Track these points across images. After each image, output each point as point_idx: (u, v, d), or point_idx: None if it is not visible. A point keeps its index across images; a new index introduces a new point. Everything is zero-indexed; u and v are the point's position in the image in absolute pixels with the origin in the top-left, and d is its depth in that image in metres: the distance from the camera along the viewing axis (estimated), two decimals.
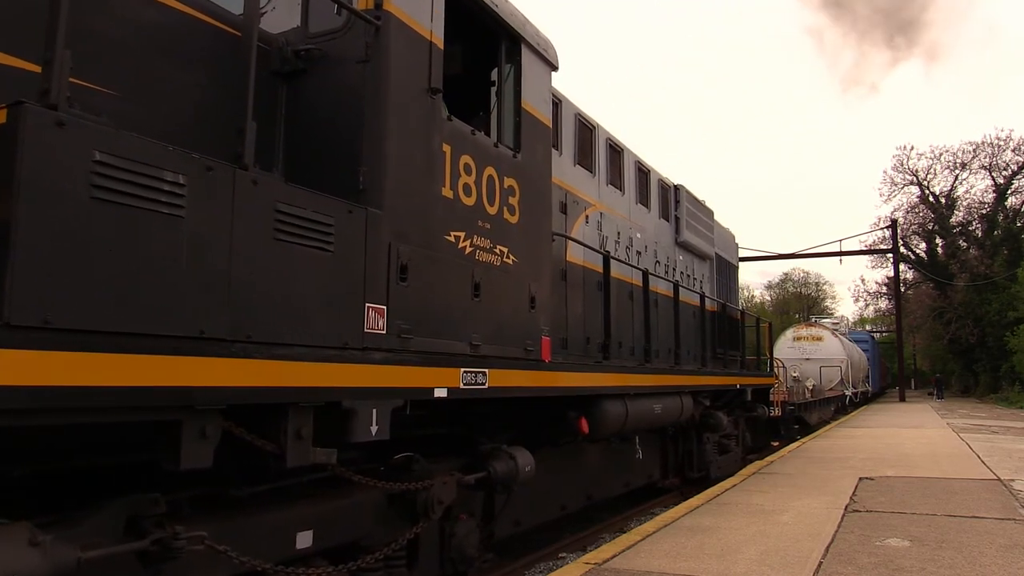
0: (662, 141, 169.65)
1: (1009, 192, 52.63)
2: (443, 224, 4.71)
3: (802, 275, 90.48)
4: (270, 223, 3.46)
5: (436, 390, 4.54)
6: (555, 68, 6.40)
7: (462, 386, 4.78)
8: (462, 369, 4.79)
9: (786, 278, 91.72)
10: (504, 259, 5.31)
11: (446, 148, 4.78)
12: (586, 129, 8.68)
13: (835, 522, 7.09)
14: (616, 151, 9.50)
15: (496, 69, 5.81)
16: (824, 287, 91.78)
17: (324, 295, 3.74)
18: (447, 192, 4.75)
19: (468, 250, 4.92)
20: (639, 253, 9.98)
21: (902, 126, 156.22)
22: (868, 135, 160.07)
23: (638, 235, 10.00)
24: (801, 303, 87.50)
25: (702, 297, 11.03)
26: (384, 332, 4.14)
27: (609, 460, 8.76)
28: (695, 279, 12.48)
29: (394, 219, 4.27)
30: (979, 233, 53.24)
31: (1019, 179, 52.30)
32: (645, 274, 8.51)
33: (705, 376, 10.39)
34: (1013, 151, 51.48)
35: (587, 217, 8.52)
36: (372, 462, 4.96)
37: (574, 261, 8.03)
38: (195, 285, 3.07)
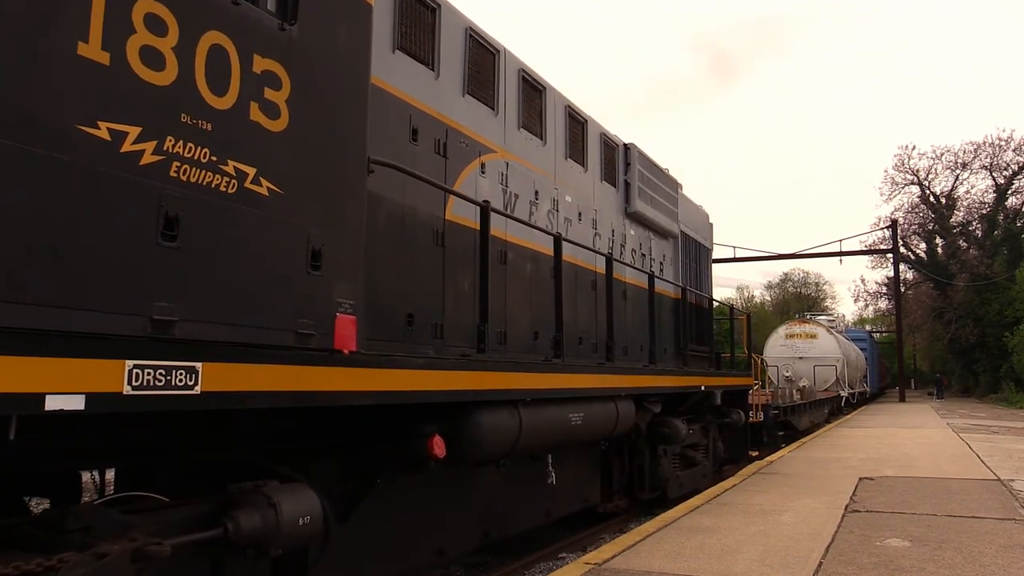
0: (661, 141, 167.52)
1: (1009, 192, 51.96)
2: (80, 105, 2.68)
3: (802, 275, 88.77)
4: None
5: (51, 398, 2.51)
6: None
7: (129, 391, 2.74)
8: (131, 362, 2.76)
9: (786, 278, 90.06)
10: (246, 184, 3.27)
11: None
12: (485, 52, 6.62)
13: (835, 522, 7.01)
14: (534, 88, 7.45)
15: None
16: (824, 287, 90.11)
17: None
18: (91, 52, 2.71)
19: (149, 159, 2.88)
20: (568, 220, 7.93)
21: (903, 125, 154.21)
22: (869, 134, 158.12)
23: (567, 198, 7.96)
24: (801, 303, 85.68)
25: (651, 278, 8.92)
26: None
27: (518, 484, 6.71)
28: (652, 259, 10.42)
29: None
30: (979, 233, 52.76)
31: (1020, 179, 51.87)
32: (557, 240, 6.44)
33: (651, 375, 8.32)
34: (1014, 151, 50.86)
35: (483, 165, 6.47)
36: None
37: (459, 221, 5.99)
38: None
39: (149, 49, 2.90)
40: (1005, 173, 51.38)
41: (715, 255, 15.52)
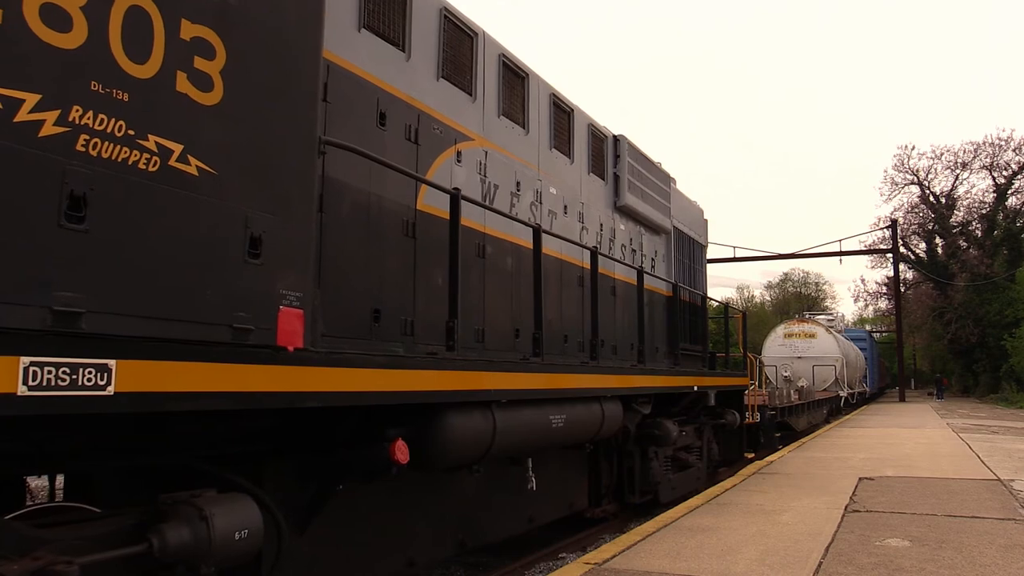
0: (659, 139, 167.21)
1: (1009, 192, 51.92)
2: None
3: (802, 275, 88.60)
4: None
5: None
6: None
7: (25, 392, 2.42)
8: (27, 358, 2.43)
9: (786, 278, 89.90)
10: (171, 162, 2.94)
11: None
12: (462, 35, 6.30)
13: (835, 522, 7.00)
14: (516, 75, 7.12)
15: None
16: (824, 287, 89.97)
17: None
18: None
19: (50, 130, 2.56)
20: (552, 213, 7.61)
21: (903, 125, 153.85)
22: (869, 134, 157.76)
23: (552, 190, 7.63)
24: (801, 303, 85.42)
25: (639, 273, 8.59)
26: None
27: (496, 490, 6.39)
28: (644, 255, 10.10)
29: None
30: (979, 233, 52.70)
31: (1020, 179, 51.89)
32: (536, 231, 6.11)
33: (639, 375, 8.00)
34: (1014, 151, 50.88)
35: (459, 154, 6.14)
36: None
37: (431, 211, 5.67)
38: None
39: (52, 8, 2.58)
40: (1005, 173, 51.48)
41: (714, 255, 15.24)
